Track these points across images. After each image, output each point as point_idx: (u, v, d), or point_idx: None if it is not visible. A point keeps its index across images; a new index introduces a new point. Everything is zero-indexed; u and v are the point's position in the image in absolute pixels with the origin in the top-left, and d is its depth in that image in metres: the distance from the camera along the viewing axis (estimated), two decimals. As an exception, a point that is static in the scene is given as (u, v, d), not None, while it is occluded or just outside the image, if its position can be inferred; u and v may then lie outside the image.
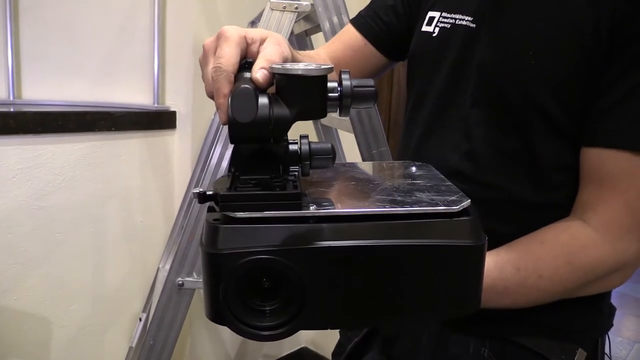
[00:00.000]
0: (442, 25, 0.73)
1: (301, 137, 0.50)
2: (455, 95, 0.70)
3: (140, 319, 1.59)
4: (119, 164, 1.50)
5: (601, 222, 0.60)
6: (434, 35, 0.74)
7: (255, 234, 0.43)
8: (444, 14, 0.73)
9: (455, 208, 0.45)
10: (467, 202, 0.45)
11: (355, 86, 0.48)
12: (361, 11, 0.88)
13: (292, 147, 0.49)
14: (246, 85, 0.44)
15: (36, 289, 1.37)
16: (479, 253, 0.46)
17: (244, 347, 1.96)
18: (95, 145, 1.43)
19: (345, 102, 0.48)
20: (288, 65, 0.46)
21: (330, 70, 0.45)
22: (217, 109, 0.48)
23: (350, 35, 0.87)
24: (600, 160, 0.61)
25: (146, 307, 1.60)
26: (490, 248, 0.51)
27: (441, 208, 0.45)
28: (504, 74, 0.65)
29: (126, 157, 1.51)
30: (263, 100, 0.44)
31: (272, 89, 0.47)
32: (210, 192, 0.46)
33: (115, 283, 1.55)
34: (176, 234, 1.54)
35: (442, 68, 0.72)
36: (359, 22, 0.87)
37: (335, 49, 0.87)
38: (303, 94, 0.45)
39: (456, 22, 0.71)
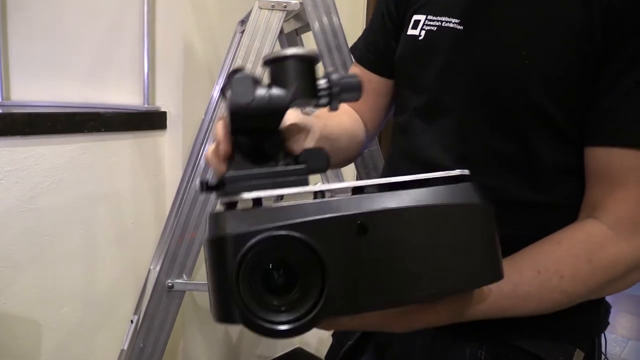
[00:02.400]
0: (428, 28, 0.73)
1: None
2: (446, 98, 0.70)
3: (131, 321, 1.58)
4: (109, 165, 1.49)
5: (614, 219, 0.60)
6: (420, 38, 0.73)
7: (264, 214, 0.41)
8: (429, 17, 0.73)
9: (455, 172, 0.47)
10: (466, 171, 0.47)
11: (342, 77, 0.51)
12: (356, 41, 0.88)
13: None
14: (241, 71, 0.48)
15: (26, 292, 1.36)
16: (489, 213, 0.47)
17: (237, 349, 1.95)
18: (85, 146, 1.42)
19: (335, 91, 0.50)
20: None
21: (316, 54, 0.49)
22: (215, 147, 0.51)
23: (354, 73, 0.87)
24: (607, 159, 0.60)
25: (137, 310, 1.59)
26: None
27: (443, 173, 0.47)
28: (499, 75, 0.64)
29: (116, 158, 1.50)
30: (259, 84, 0.48)
31: None
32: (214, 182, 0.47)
33: (106, 285, 1.54)
34: (166, 236, 1.53)
35: (430, 71, 0.72)
36: (356, 55, 0.87)
37: None
38: (295, 74, 0.48)
39: (442, 25, 0.71)
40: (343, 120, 0.78)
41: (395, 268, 0.43)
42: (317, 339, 2.10)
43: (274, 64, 0.49)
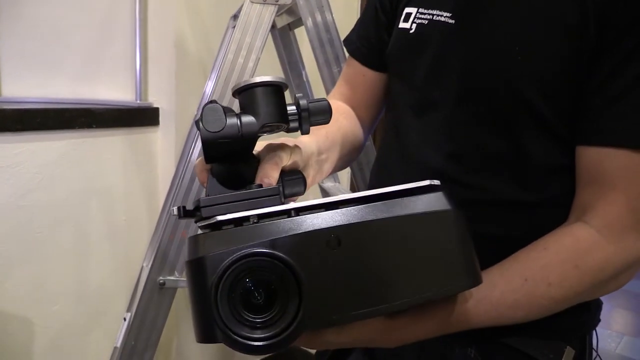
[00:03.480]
0: (419, 21, 0.72)
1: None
2: (436, 94, 0.69)
3: (124, 319, 1.56)
4: (100, 161, 1.48)
5: (603, 223, 0.59)
6: (411, 31, 0.72)
7: (240, 234, 0.42)
8: (420, 10, 0.72)
9: (425, 182, 0.48)
10: (436, 181, 0.48)
11: (310, 101, 0.53)
12: (349, 33, 0.87)
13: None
14: (214, 102, 0.49)
15: (17, 289, 1.35)
16: (461, 219, 0.48)
17: (232, 346, 1.94)
18: (76, 142, 1.41)
19: (304, 115, 0.52)
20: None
21: (284, 81, 0.50)
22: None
23: (351, 68, 0.86)
24: (598, 159, 0.60)
25: (130, 307, 1.58)
26: (482, 251, 0.50)
27: (412, 184, 0.48)
28: (489, 71, 0.63)
29: (108, 155, 1.49)
30: (230, 113, 0.49)
31: None
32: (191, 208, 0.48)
33: (99, 283, 1.53)
34: (159, 233, 1.52)
35: (420, 65, 0.71)
36: (350, 48, 0.86)
37: (344, 91, 0.86)
38: (263, 101, 0.50)
39: (434, 18, 0.70)
40: (342, 124, 0.78)
41: (372, 279, 0.44)
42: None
43: (243, 93, 0.50)
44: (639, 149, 0.57)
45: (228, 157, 0.50)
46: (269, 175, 0.51)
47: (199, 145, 1.09)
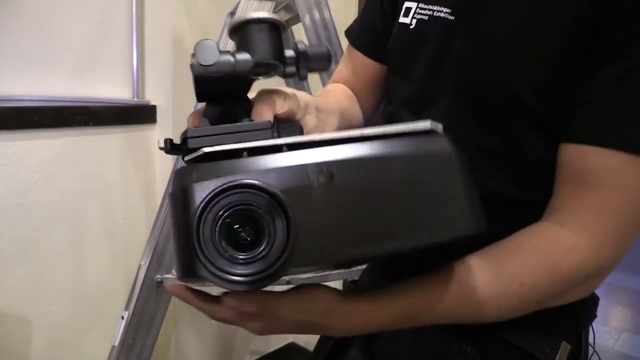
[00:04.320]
0: (419, 17, 0.71)
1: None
2: (434, 91, 0.68)
3: (122, 317, 1.56)
4: (98, 160, 1.47)
5: (580, 225, 0.57)
6: (411, 27, 0.71)
7: (227, 166, 0.40)
8: (421, 5, 0.71)
9: (428, 123, 0.45)
10: (439, 125, 0.46)
11: (309, 46, 0.51)
12: (350, 25, 0.86)
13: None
14: (209, 40, 0.48)
15: (14, 289, 1.34)
16: (464, 162, 0.46)
17: (231, 344, 1.94)
18: (73, 141, 1.40)
19: (302, 61, 0.51)
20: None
21: (281, 21, 0.49)
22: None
23: (353, 58, 0.85)
24: (578, 157, 0.58)
25: (128, 305, 1.57)
26: (479, 248, 0.48)
27: (414, 125, 0.45)
28: (485, 69, 0.63)
29: (105, 153, 1.49)
30: (225, 51, 0.48)
31: None
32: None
33: (97, 281, 1.53)
34: (156, 231, 1.52)
35: (420, 62, 0.70)
36: (352, 38, 0.85)
37: (346, 76, 0.86)
38: (259, 38, 0.48)
39: (434, 14, 0.69)
40: (342, 101, 0.77)
41: (364, 218, 0.41)
42: (311, 335, 2.09)
43: (239, 30, 0.49)
44: (617, 148, 0.56)
45: (220, 97, 0.48)
46: (261, 114, 0.49)
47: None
